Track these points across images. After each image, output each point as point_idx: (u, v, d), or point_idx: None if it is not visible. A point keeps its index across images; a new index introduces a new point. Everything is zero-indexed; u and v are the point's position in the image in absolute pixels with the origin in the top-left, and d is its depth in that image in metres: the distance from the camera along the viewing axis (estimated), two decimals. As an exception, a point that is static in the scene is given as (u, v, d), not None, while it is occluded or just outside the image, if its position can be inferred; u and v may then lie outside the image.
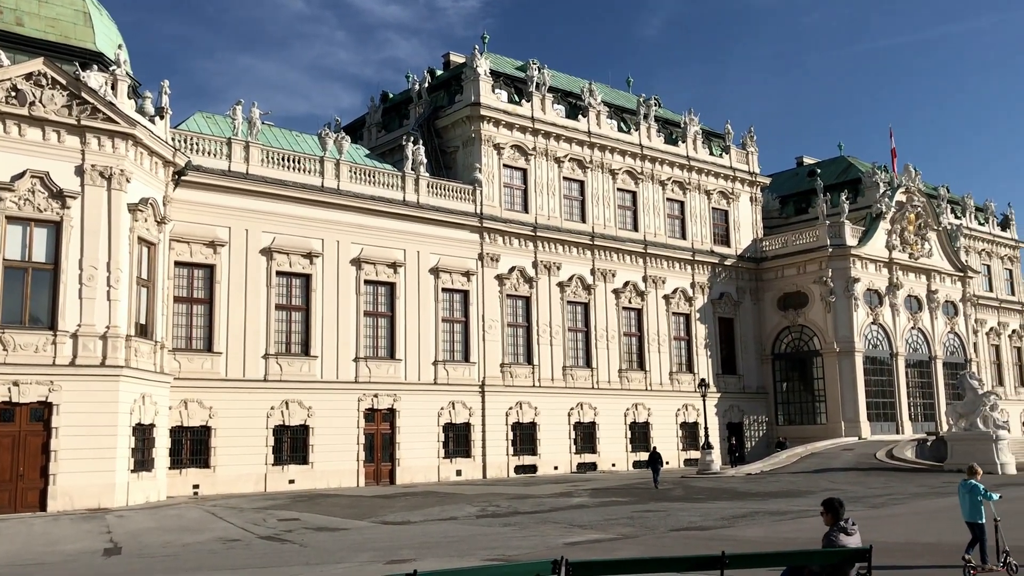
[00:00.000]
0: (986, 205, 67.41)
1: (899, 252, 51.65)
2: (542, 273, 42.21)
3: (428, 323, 37.82)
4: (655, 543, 16.44)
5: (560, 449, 41.24)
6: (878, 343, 49.79)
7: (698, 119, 50.90)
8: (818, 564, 8.84)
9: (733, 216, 51.57)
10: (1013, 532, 15.88)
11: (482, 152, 41.17)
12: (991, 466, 35.83)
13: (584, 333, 43.66)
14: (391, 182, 38.03)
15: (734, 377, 49.56)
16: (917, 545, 15.21)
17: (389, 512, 23.80)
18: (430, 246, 38.41)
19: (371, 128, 48.15)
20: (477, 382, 39.03)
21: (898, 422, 49.44)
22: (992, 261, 65.75)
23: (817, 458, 41.55)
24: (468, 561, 14.29)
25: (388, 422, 36.03)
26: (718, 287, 49.64)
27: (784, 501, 25.02)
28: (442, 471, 37.11)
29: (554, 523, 20.27)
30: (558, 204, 43.58)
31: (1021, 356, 66.37)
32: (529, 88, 43.68)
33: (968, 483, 12.40)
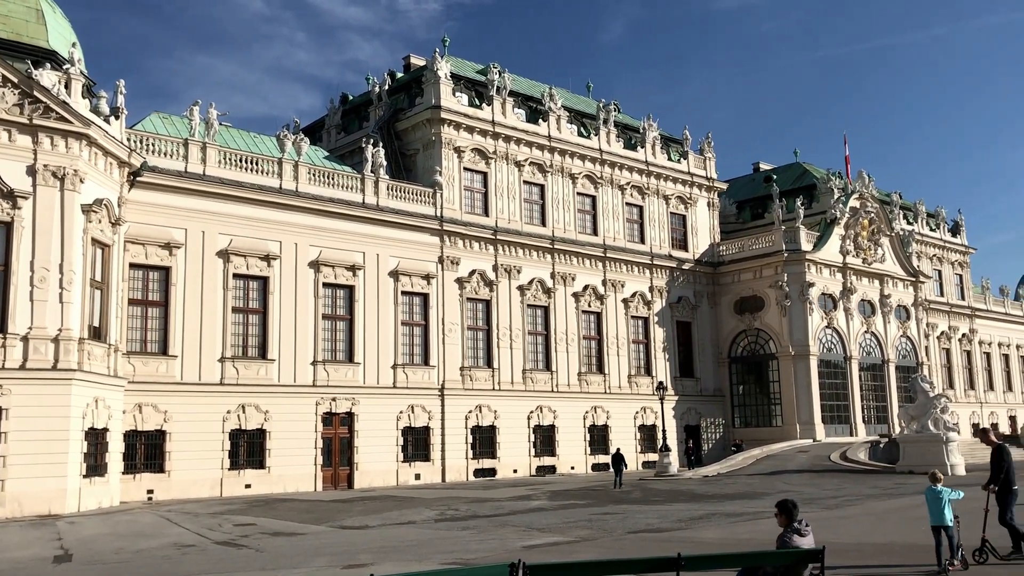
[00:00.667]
0: (937, 211, 68.82)
1: (853, 257, 52.52)
2: (502, 276, 42.26)
3: (387, 326, 37.68)
4: (613, 545, 16.54)
5: (519, 452, 41.30)
6: (832, 346, 50.56)
7: (657, 125, 51.37)
8: (772, 565, 8.97)
9: (691, 221, 52.09)
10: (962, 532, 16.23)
11: (442, 155, 41.14)
12: (942, 467, 36.52)
13: (544, 336, 43.79)
14: (350, 184, 37.84)
15: (691, 380, 50.03)
16: (869, 546, 15.47)
17: (347, 516, 23.65)
18: (390, 249, 38.28)
19: (330, 130, 47.87)
20: (437, 385, 38.95)
21: (852, 424, 50.23)
22: (943, 266, 67.13)
23: (773, 460, 42.07)
24: (426, 565, 14.26)
25: (346, 426, 35.82)
26: (676, 291, 50.08)
27: (740, 503, 25.30)
28: (401, 475, 36.96)
29: (513, 526, 20.30)
30: (518, 208, 43.68)
31: (971, 360, 67.85)
32: (490, 92, 43.75)
33: (933, 489, 12.72)
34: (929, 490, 12.88)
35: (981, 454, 48.23)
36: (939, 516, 12.58)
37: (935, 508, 12.64)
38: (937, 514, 12.61)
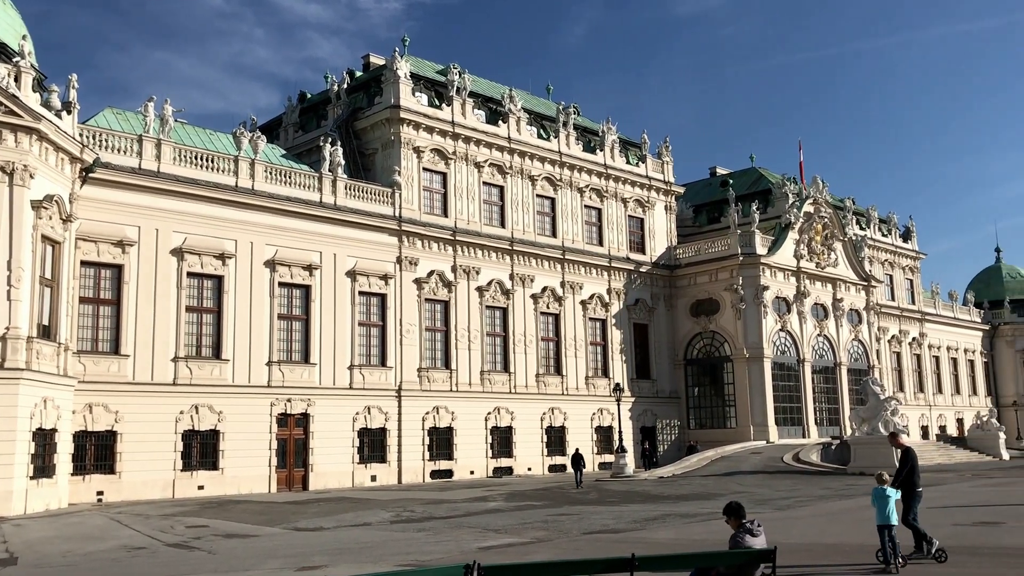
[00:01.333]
0: (889, 217, 70.11)
1: (807, 261, 53.29)
2: (461, 277, 42.21)
3: (344, 327, 37.44)
4: (568, 546, 16.60)
5: (476, 453, 41.27)
6: (786, 349, 51.25)
7: (616, 128, 51.70)
8: (725, 565, 9.07)
9: (649, 224, 52.48)
10: (908, 532, 16.54)
11: (401, 155, 40.98)
12: (891, 469, 37.22)
13: (502, 338, 43.81)
14: (308, 183, 37.54)
15: (648, 382, 50.39)
16: (820, 546, 15.71)
17: (301, 518, 23.46)
18: (347, 249, 38.03)
19: (288, 128, 47.44)
20: (394, 387, 38.78)
21: (804, 426, 50.96)
22: (894, 271, 68.40)
23: (727, 461, 42.52)
24: (381, 567, 14.19)
25: (302, 427, 35.52)
26: (633, 293, 50.43)
27: (694, 504, 25.54)
28: (357, 477, 36.74)
29: (469, 527, 20.28)
30: (478, 209, 43.66)
31: (920, 363, 69.21)
32: (450, 92, 43.68)
33: (879, 489, 13.00)
34: (876, 490, 13.16)
35: (929, 455, 49.25)
36: (885, 516, 12.86)
37: (881, 508, 12.93)
38: (883, 514, 12.88)
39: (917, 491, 13.90)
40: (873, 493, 13.25)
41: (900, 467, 14.12)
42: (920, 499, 13.99)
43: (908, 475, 13.81)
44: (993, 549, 15.16)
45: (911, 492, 13.87)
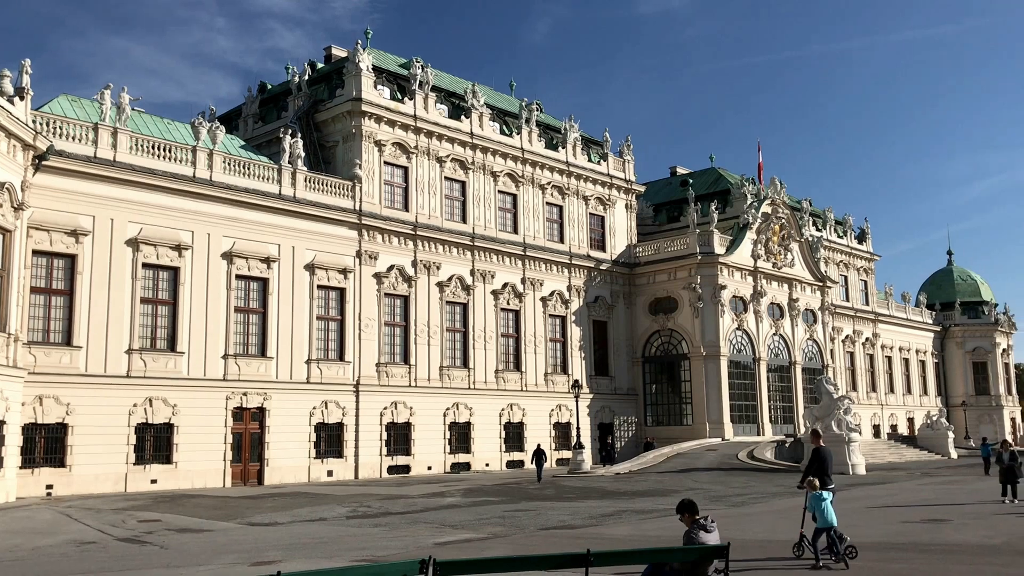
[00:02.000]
0: (845, 219, 71.21)
1: (764, 261, 53.93)
2: (421, 272, 42.09)
3: (302, 320, 37.14)
4: (525, 542, 16.65)
5: (435, 449, 41.21)
6: (742, 348, 51.84)
7: (578, 126, 51.86)
8: (679, 561, 9.16)
9: (609, 222, 52.75)
10: (861, 529, 16.85)
11: (363, 148, 40.72)
12: (843, 467, 37.86)
13: (462, 333, 43.77)
14: (267, 175, 37.16)
15: (606, 379, 50.68)
16: (773, 542, 15.91)
17: (256, 513, 23.25)
18: (306, 242, 37.73)
19: (247, 119, 46.91)
20: (352, 381, 38.56)
21: (759, 424, 51.59)
22: (849, 272, 69.50)
23: (683, 458, 42.91)
24: (336, 562, 14.12)
25: (257, 421, 35.20)
26: (593, 291, 50.66)
27: (650, 500, 25.76)
28: (313, 471, 36.50)
29: (425, 523, 20.25)
30: (439, 204, 43.54)
31: (873, 363, 70.44)
32: (412, 86, 43.49)
33: (814, 494, 13.36)
34: (812, 496, 13.54)
35: (880, 454, 50.20)
36: (825, 519, 13.24)
37: (820, 512, 13.33)
38: (823, 517, 13.27)
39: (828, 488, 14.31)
40: (810, 499, 13.57)
41: (808, 465, 14.88)
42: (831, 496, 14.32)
43: (818, 473, 14.35)
44: (940, 546, 15.49)
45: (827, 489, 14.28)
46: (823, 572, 12.70)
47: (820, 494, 13.47)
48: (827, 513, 13.30)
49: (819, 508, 13.37)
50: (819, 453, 14.79)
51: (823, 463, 14.60)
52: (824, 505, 13.35)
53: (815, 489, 13.58)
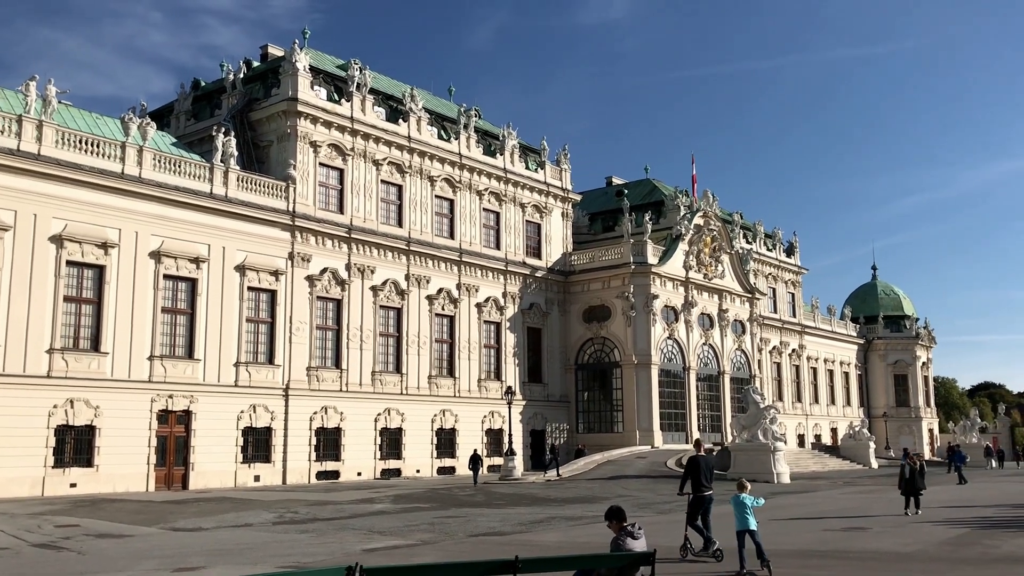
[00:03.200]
0: (774, 233, 72.77)
1: (695, 272, 54.79)
2: (355, 276, 41.72)
3: (231, 322, 36.49)
4: (454, 548, 16.59)
5: (365, 455, 40.83)
6: (673, 357, 52.55)
7: (516, 133, 52.07)
8: (606, 567, 9.22)
9: (545, 230, 53.03)
10: (784, 536, 17.21)
11: (297, 149, 40.24)
12: (768, 475, 38.61)
13: (396, 338, 43.49)
14: (198, 173, 36.46)
15: (539, 385, 50.88)
16: (697, 549, 16.11)
17: (180, 518, 22.73)
18: (237, 242, 37.10)
19: (180, 116, 45.96)
20: (281, 385, 38.01)
21: (688, 432, 52.33)
22: (777, 284, 71.03)
23: (613, 465, 43.28)
24: (261, 569, 13.88)
25: (183, 424, 34.46)
26: (528, 298, 50.85)
27: (580, 507, 25.89)
28: (240, 476, 35.84)
29: (353, 529, 20.04)
30: (375, 207, 43.24)
31: (799, 373, 72.07)
32: (349, 88, 43.15)
33: (737, 497, 13.57)
34: (734, 498, 13.80)
35: (804, 463, 51.30)
36: (743, 521, 13.53)
37: (740, 514, 13.60)
38: (742, 519, 13.55)
39: (704, 495, 15.28)
40: (732, 501, 13.88)
41: (684, 475, 15.73)
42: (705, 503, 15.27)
43: (693, 481, 15.26)
44: (859, 553, 15.89)
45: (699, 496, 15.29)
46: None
47: (740, 497, 13.71)
48: (747, 517, 13.55)
49: (737, 512, 13.63)
50: (693, 463, 15.52)
51: (698, 471, 15.39)
52: (744, 510, 13.60)
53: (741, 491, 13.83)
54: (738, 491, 13.85)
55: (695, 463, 15.43)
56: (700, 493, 15.18)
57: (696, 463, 15.41)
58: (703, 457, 15.67)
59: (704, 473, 15.33)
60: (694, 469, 15.37)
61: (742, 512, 13.57)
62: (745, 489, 13.87)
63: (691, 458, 15.61)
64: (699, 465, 15.38)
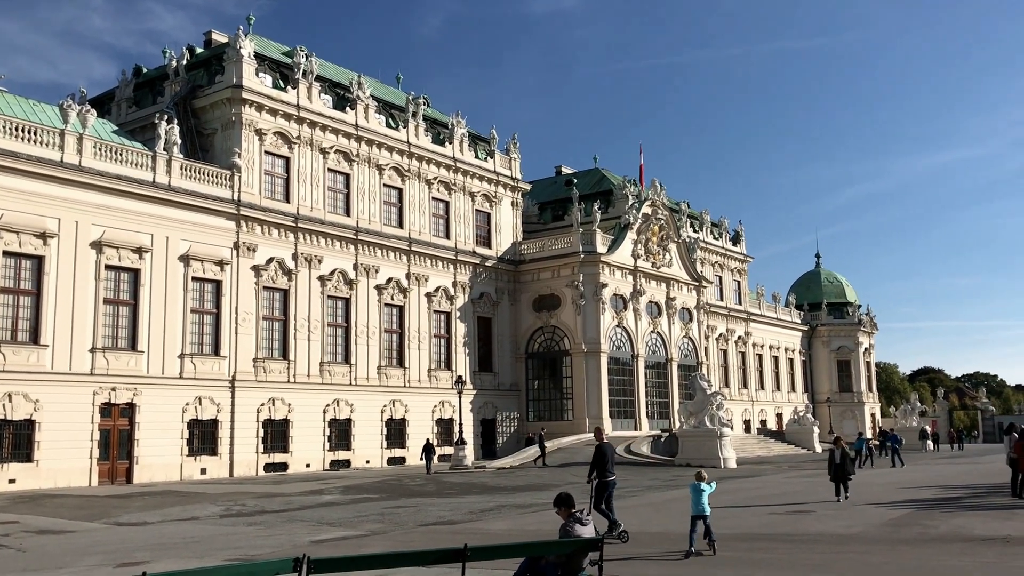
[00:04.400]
0: (720, 221, 73.68)
1: (643, 261, 55.24)
2: (302, 266, 41.27)
3: (175, 313, 35.87)
4: (403, 538, 16.57)
5: (313, 446, 40.51)
6: (621, 345, 52.98)
7: (465, 122, 51.87)
8: (554, 554, 9.27)
9: (495, 219, 53.00)
10: (731, 520, 17.48)
11: (242, 137, 39.62)
12: (715, 461, 39.19)
13: (344, 329, 43.15)
14: (140, 161, 35.70)
15: (490, 375, 50.93)
16: (646, 534, 16.33)
17: (124, 513, 22.34)
18: (181, 232, 36.44)
19: (121, 103, 44.95)
20: (227, 377, 37.50)
21: (636, 419, 52.84)
22: (723, 273, 71.96)
23: (563, 453, 43.52)
24: (208, 562, 13.71)
25: (127, 417, 33.82)
26: (478, 287, 50.81)
27: (530, 495, 26.02)
28: (185, 469, 35.33)
29: (302, 521, 19.89)
30: (322, 196, 42.78)
31: (744, 360, 73.17)
32: (295, 75, 42.57)
33: (696, 485, 14.28)
34: (693, 485, 14.34)
35: (750, 448, 52.15)
36: (699, 507, 14.05)
37: (697, 500, 14.13)
38: (698, 505, 14.07)
39: (607, 481, 15.86)
40: (691, 487, 14.41)
41: (593, 462, 16.15)
42: (611, 487, 15.89)
43: (599, 468, 15.83)
44: (803, 535, 16.22)
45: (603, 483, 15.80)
46: (693, 560, 13.15)
47: (699, 485, 14.18)
48: (702, 504, 13.99)
49: (695, 498, 14.09)
50: (600, 450, 16.13)
51: (604, 458, 16.00)
52: (701, 496, 14.05)
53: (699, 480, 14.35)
54: (697, 480, 14.36)
55: (602, 451, 16.08)
56: (605, 479, 15.87)
57: (602, 451, 16.07)
58: (608, 445, 16.35)
59: (609, 460, 16.06)
60: (601, 457, 16.01)
61: (699, 499, 14.08)
62: (703, 479, 14.38)
63: (597, 447, 16.23)
64: (605, 453, 16.09)
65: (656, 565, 13.08)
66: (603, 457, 16.02)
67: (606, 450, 16.15)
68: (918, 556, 13.43)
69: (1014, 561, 12.91)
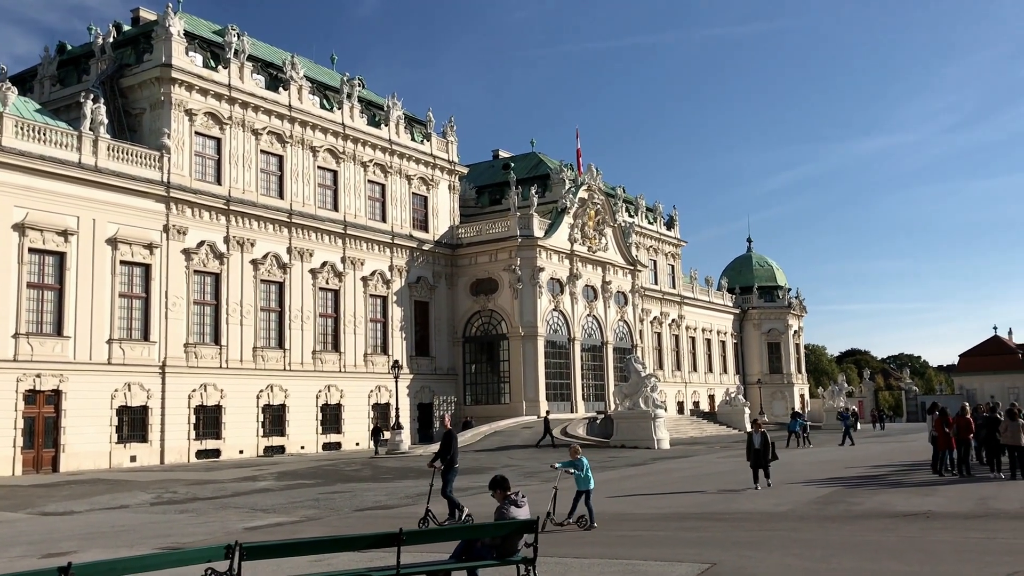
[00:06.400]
0: (655, 206, 74.49)
1: (580, 245, 55.60)
2: (234, 249, 40.56)
3: (103, 298, 34.97)
4: (339, 523, 16.48)
5: (247, 432, 39.97)
6: (558, 328, 53.32)
7: (401, 104, 51.44)
8: (489, 536, 9.33)
9: (432, 202, 52.74)
10: (662, 500, 17.75)
11: (172, 117, 38.68)
12: (649, 442, 39.82)
13: (278, 313, 42.58)
14: (65, 142, 34.62)
15: (427, 359, 50.81)
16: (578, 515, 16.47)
17: (50, 502, 21.79)
18: (108, 214, 35.48)
19: (44, 81, 43.49)
20: (157, 363, 36.73)
21: (573, 401, 53.30)
22: (658, 257, 72.83)
23: (500, 436, 43.73)
24: (138, 551, 13.43)
25: (53, 404, 32.93)
26: (415, 271, 50.57)
27: (466, 478, 26.00)
28: (115, 457, 34.57)
29: (235, 508, 19.63)
30: (255, 178, 42.04)
31: (678, 343, 74.25)
32: (227, 54, 41.66)
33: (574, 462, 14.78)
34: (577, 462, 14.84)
35: (683, 429, 53.07)
36: (584, 483, 14.62)
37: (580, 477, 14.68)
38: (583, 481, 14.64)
39: (455, 467, 15.89)
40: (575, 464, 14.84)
41: (442, 448, 16.01)
42: (456, 474, 15.95)
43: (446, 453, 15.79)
44: (734, 514, 16.57)
45: (450, 468, 15.79)
46: (623, 537, 13.38)
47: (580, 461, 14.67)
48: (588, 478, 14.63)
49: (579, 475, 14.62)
50: (450, 436, 16.08)
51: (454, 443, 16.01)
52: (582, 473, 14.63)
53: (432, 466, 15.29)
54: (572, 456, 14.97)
55: (452, 436, 16.05)
56: (455, 464, 15.88)
57: (452, 436, 16.06)
58: (453, 431, 16.40)
59: (456, 445, 16.08)
60: (451, 441, 15.94)
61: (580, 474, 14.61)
62: (577, 453, 14.98)
63: (449, 431, 16.21)
64: (454, 438, 16.11)
65: (589, 545, 13.23)
66: (454, 441, 16.02)
67: (455, 435, 16.26)
68: (844, 532, 13.84)
69: (936, 535, 13.39)
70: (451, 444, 15.90)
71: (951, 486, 20.42)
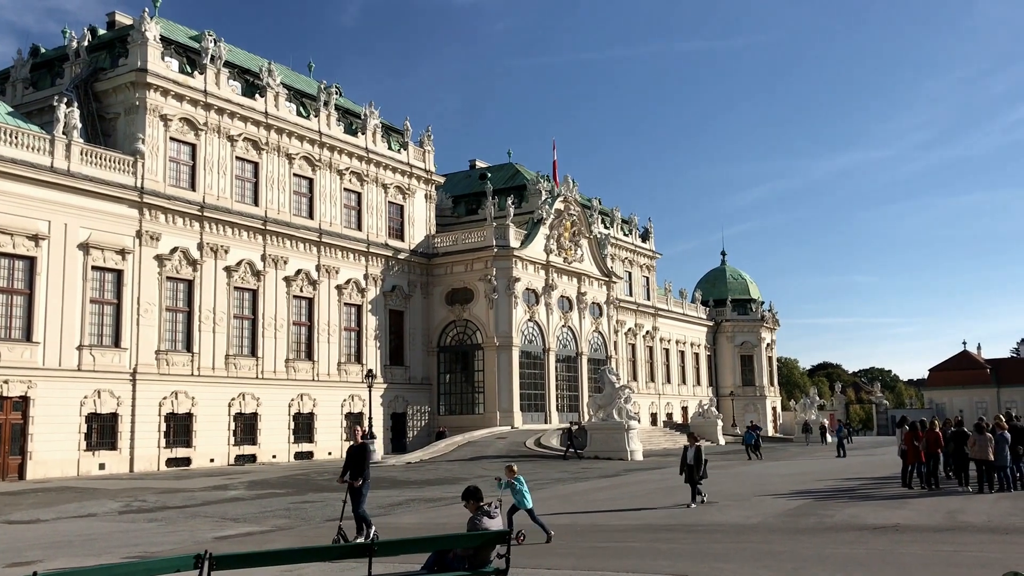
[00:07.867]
0: (631, 218, 74.85)
1: (555, 256, 55.72)
2: (208, 256, 40.25)
3: (73, 304, 34.56)
4: (310, 534, 16.37)
5: (218, 441, 39.59)
6: (533, 339, 53.34)
7: (379, 112, 51.38)
8: (462, 547, 9.30)
9: (408, 211, 52.66)
10: (634, 513, 17.76)
11: (147, 122, 38.38)
12: (622, 453, 39.88)
13: (251, 321, 42.28)
14: (37, 145, 34.24)
15: (401, 368, 50.62)
16: (552, 526, 16.46)
17: (16, 510, 21.45)
18: (80, 219, 35.11)
19: (16, 84, 43.01)
20: (128, 370, 36.33)
21: (547, 412, 53.30)
22: (633, 268, 73.13)
23: (473, 446, 43.61)
24: (105, 560, 13.27)
25: (20, 411, 32.46)
26: (391, 280, 50.43)
27: (439, 488, 26.00)
28: (83, 465, 34.12)
29: (205, 517, 19.44)
30: (229, 184, 41.78)
31: (652, 354, 74.53)
32: (203, 60, 41.43)
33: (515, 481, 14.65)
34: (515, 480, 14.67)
35: (657, 441, 53.21)
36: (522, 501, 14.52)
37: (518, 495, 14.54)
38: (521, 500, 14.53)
39: (367, 483, 15.11)
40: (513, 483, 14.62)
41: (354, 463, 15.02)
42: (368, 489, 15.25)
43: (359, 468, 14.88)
44: (705, 526, 16.63)
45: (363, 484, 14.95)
46: (596, 550, 13.35)
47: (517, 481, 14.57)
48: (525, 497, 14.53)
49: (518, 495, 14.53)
50: (366, 449, 15.27)
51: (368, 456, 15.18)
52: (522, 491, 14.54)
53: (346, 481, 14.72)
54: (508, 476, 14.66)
55: (365, 450, 15.23)
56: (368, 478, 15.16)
57: (366, 449, 15.26)
58: (364, 444, 15.52)
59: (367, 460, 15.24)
60: (365, 455, 15.10)
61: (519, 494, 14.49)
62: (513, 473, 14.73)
63: (362, 445, 15.26)
64: (368, 451, 15.32)
65: (561, 557, 13.22)
66: (367, 455, 15.21)
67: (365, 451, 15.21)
68: (815, 545, 13.92)
69: (905, 548, 13.51)
70: (364, 459, 14.99)
71: (920, 499, 20.61)
